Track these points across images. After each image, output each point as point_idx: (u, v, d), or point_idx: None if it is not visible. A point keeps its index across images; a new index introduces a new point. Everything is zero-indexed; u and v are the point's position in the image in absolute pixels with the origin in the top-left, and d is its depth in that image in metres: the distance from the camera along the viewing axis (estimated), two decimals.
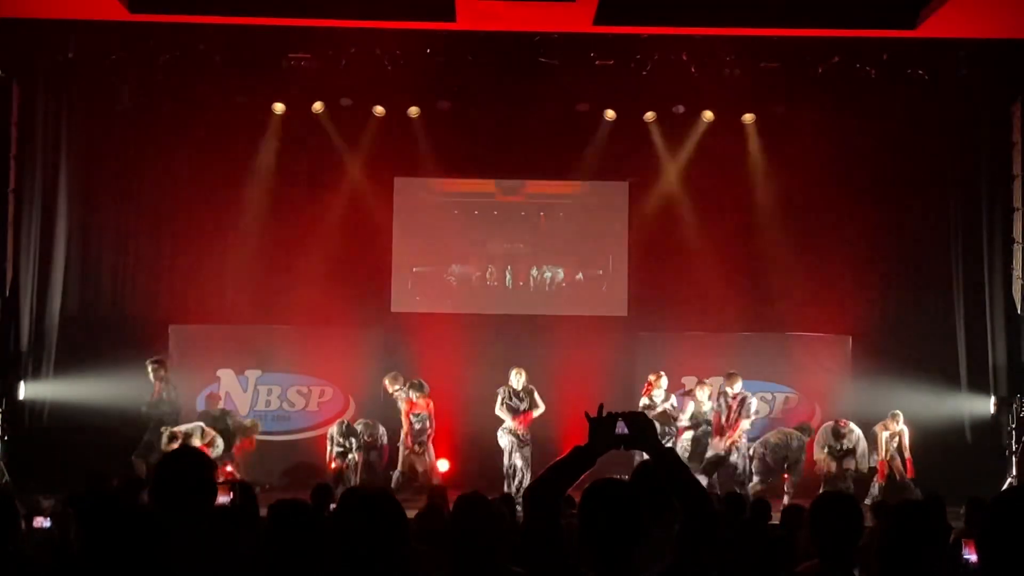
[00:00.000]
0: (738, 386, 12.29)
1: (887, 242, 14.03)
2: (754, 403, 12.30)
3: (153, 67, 13.01)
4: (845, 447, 12.29)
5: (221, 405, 12.98)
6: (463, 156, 14.11)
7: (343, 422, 12.63)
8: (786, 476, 12.16)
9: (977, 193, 13.49)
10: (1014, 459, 12.22)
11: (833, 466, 12.25)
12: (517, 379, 12.37)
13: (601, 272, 14.50)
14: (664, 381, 12.37)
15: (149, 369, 12.30)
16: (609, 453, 3.24)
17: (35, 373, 12.98)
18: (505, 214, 14.63)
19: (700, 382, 12.54)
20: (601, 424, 3.23)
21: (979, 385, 13.22)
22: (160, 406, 12.24)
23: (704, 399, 12.40)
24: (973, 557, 2.81)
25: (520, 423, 12.25)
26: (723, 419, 12.21)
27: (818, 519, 3.74)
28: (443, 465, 12.81)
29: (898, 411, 12.34)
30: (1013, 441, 12.31)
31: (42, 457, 12.70)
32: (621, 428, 3.19)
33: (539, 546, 3.12)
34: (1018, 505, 2.37)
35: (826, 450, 12.36)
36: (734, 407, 12.16)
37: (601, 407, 3.30)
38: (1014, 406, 12.48)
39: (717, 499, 8.67)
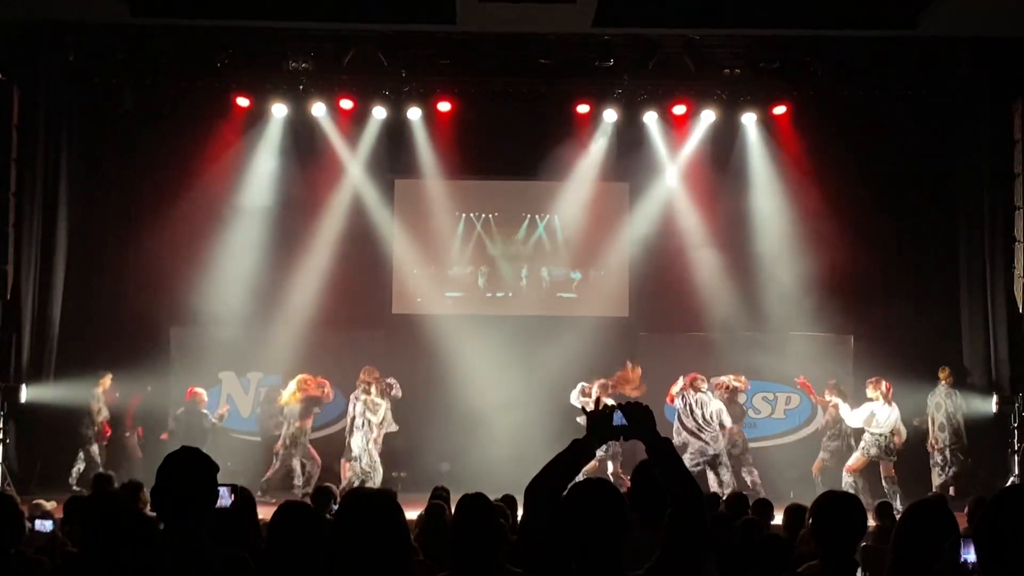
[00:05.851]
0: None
1: (888, 241, 14.01)
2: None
3: (154, 70, 13.02)
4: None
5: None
6: (463, 158, 14.09)
7: None
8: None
9: (978, 192, 13.47)
10: (1016, 458, 12.22)
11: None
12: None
13: (602, 273, 14.48)
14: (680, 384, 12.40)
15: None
16: None
17: (37, 376, 12.96)
18: (506, 216, 14.62)
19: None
20: (599, 416, 3.23)
21: (981, 384, 13.20)
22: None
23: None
24: (972, 556, 2.80)
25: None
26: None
27: (820, 519, 3.71)
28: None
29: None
30: (1016, 439, 12.30)
31: (44, 460, 12.74)
32: (619, 419, 3.19)
33: (537, 541, 3.11)
34: (1016, 503, 2.35)
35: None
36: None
37: (599, 400, 3.30)
38: (1016, 404, 12.46)
39: (715, 499, 8.69)
